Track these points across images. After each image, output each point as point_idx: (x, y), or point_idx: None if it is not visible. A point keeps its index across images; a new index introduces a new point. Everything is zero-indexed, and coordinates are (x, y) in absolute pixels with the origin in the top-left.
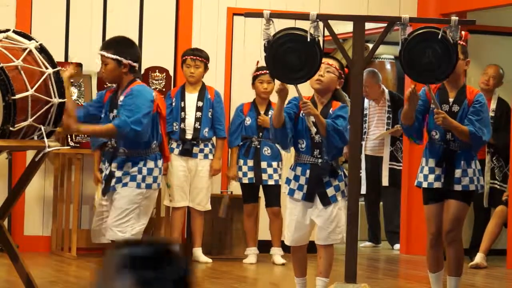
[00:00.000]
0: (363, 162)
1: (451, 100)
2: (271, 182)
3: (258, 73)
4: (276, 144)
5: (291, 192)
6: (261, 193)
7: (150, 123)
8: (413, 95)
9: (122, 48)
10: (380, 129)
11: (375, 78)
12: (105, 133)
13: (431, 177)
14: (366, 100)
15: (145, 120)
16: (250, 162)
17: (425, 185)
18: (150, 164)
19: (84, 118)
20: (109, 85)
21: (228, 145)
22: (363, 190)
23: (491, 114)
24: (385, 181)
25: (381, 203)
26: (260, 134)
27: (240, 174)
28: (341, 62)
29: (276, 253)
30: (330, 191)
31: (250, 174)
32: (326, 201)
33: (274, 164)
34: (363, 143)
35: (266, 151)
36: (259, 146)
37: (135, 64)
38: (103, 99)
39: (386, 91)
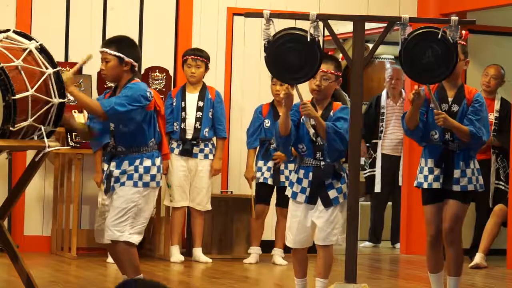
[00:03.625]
0: (379, 160)
1: (450, 99)
2: (287, 184)
3: None
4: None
5: (294, 195)
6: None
7: (139, 118)
8: (417, 96)
9: (124, 46)
10: (397, 129)
11: (401, 72)
12: (89, 105)
13: (431, 178)
14: (383, 99)
15: (131, 107)
16: (270, 164)
17: (425, 185)
18: (147, 162)
19: (92, 118)
20: (109, 85)
21: (246, 146)
22: (378, 189)
23: (495, 114)
24: (401, 181)
25: (389, 202)
26: None
27: (259, 174)
28: (337, 59)
29: (277, 254)
30: (332, 193)
31: (267, 175)
32: (328, 203)
33: (291, 166)
34: (380, 141)
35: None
36: None
37: (135, 64)
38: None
39: (404, 91)
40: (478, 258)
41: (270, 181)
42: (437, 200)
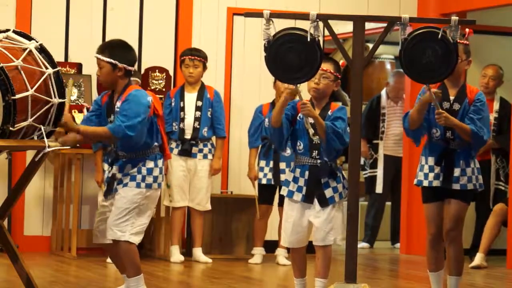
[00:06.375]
0: (381, 161)
1: (451, 98)
2: None
3: None
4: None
5: (290, 194)
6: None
7: (145, 128)
8: (436, 95)
9: (117, 52)
10: (399, 129)
11: (404, 80)
12: (100, 135)
13: (431, 176)
14: (384, 99)
15: (140, 126)
16: (271, 163)
17: (425, 183)
18: (150, 164)
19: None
20: None
21: (248, 145)
22: (380, 190)
23: (495, 115)
24: None
25: (387, 203)
26: None
27: (261, 174)
28: (337, 62)
29: (281, 254)
30: (328, 192)
31: (269, 175)
32: (325, 202)
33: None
34: (382, 142)
35: (286, 151)
36: None
37: (130, 68)
38: (100, 104)
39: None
40: (479, 258)
41: (273, 182)
42: (437, 199)
